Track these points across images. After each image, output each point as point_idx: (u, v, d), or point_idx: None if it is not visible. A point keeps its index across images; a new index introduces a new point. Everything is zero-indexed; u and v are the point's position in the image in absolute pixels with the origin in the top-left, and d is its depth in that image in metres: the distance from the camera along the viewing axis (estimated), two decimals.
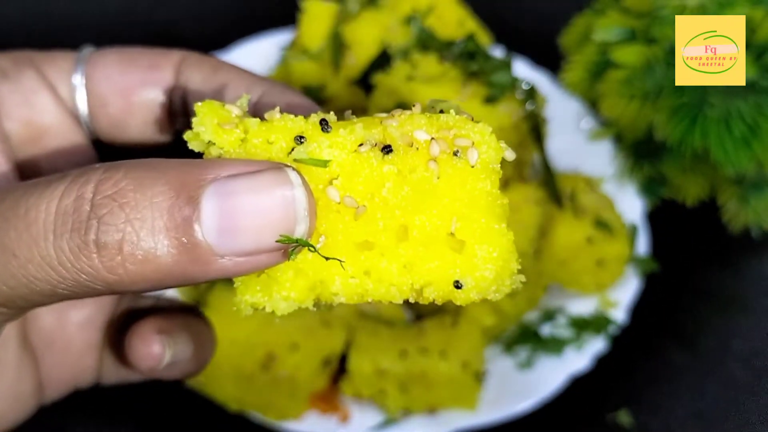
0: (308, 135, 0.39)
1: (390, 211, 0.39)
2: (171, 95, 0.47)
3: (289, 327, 0.89)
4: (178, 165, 0.36)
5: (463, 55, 0.93)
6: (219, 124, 0.38)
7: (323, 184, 0.39)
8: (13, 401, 0.49)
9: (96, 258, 0.34)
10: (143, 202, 0.34)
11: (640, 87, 1.01)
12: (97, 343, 0.53)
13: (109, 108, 0.48)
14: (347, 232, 0.39)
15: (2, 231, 0.35)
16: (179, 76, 0.47)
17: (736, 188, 1.04)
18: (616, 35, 1.07)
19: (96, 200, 0.34)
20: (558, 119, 1.07)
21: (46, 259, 0.34)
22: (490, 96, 0.90)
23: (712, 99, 0.96)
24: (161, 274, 0.35)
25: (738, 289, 1.09)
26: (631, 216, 1.06)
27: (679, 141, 0.97)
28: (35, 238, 0.35)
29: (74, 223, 0.34)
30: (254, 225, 0.35)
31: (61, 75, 0.47)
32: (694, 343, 1.03)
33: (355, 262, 0.39)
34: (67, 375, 0.53)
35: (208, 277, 0.36)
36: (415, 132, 0.39)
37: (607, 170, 1.12)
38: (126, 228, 0.34)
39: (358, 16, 1.05)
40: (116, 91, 0.47)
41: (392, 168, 0.39)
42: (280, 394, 0.88)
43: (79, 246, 0.34)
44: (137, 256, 0.34)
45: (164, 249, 0.34)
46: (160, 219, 0.34)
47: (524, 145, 0.96)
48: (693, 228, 1.12)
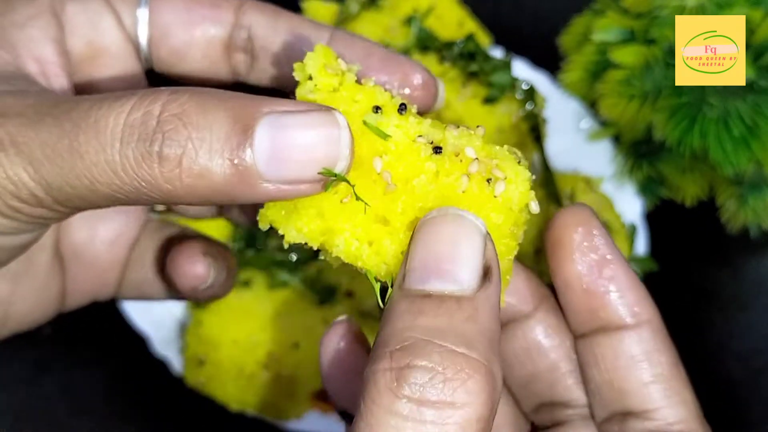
0: (385, 109, 0.42)
1: (412, 201, 0.42)
2: (232, 33, 0.50)
3: (290, 326, 0.90)
4: (237, 96, 0.39)
5: (462, 56, 0.93)
6: (325, 66, 0.42)
7: (374, 154, 0.42)
8: (39, 302, 0.53)
9: (157, 168, 0.38)
10: (204, 124, 0.38)
11: (639, 87, 1.01)
12: (121, 261, 0.56)
13: (170, 38, 0.50)
14: (372, 201, 0.42)
15: (72, 135, 0.38)
16: (242, 17, 0.49)
17: (735, 188, 1.05)
18: (615, 36, 1.08)
19: (162, 117, 0.38)
20: (557, 119, 1.08)
21: (110, 165, 0.38)
22: (489, 96, 0.90)
23: (710, 99, 0.96)
24: (211, 190, 0.38)
25: (737, 288, 1.09)
26: (630, 216, 1.07)
27: (678, 141, 0.98)
28: (102, 144, 0.38)
29: (141, 135, 0.38)
30: (300, 157, 0.38)
31: (127, 4, 0.50)
32: (692, 343, 1.03)
33: (366, 229, 0.42)
34: (89, 287, 0.56)
35: (251, 198, 0.39)
36: (466, 147, 0.42)
37: (606, 170, 1.12)
38: (187, 144, 0.37)
39: (358, 16, 1.05)
40: (180, 22, 0.49)
41: (432, 166, 0.42)
42: (281, 394, 0.89)
43: (143, 155, 0.38)
44: (193, 171, 0.37)
45: (218, 168, 0.37)
46: (217, 141, 0.38)
47: (524, 145, 0.97)
48: (692, 228, 1.12)
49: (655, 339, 0.46)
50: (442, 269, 0.38)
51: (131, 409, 0.95)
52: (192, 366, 0.90)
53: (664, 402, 0.45)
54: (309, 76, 0.42)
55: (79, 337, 1.00)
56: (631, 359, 0.45)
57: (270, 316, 0.90)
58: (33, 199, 0.40)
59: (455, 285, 0.38)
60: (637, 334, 0.45)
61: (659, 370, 0.46)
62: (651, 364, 0.46)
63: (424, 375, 0.34)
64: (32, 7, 0.47)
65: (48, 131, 0.39)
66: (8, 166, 0.39)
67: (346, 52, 0.49)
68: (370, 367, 0.36)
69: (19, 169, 0.39)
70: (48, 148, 0.39)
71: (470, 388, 0.34)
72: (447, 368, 0.35)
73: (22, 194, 0.40)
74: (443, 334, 0.36)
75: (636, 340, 0.45)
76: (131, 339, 0.94)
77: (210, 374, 0.89)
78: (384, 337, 0.36)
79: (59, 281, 0.55)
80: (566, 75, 1.14)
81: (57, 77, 0.48)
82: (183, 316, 0.98)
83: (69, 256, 0.55)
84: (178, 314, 0.98)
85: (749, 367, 1.01)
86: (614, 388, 0.46)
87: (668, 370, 0.46)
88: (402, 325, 0.36)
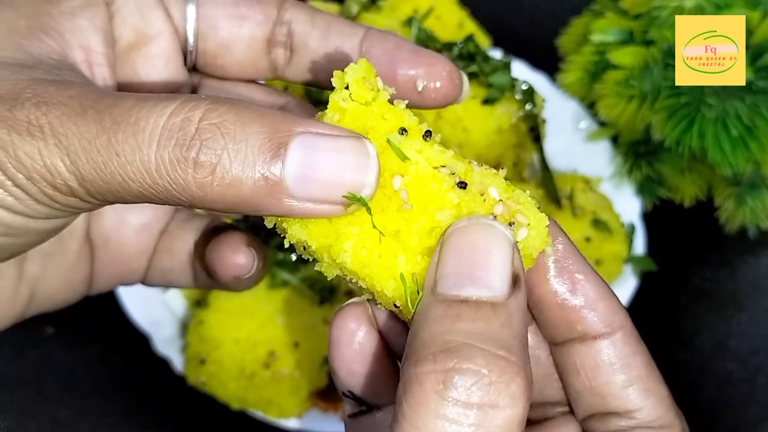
0: (411, 132, 0.43)
1: (430, 226, 0.42)
2: (274, 28, 0.52)
3: (291, 325, 0.90)
4: (274, 112, 0.41)
5: (462, 57, 0.94)
6: (363, 79, 0.44)
7: (394, 173, 0.43)
8: (67, 284, 0.56)
9: (191, 173, 0.39)
10: (241, 136, 0.39)
11: (637, 88, 1.01)
12: (149, 249, 0.58)
13: (218, 31, 0.52)
14: (385, 216, 0.42)
15: (111, 132, 0.40)
16: (284, 13, 0.51)
17: (733, 188, 1.05)
18: (614, 36, 1.08)
19: (202, 125, 0.39)
20: (556, 120, 1.08)
21: (144, 165, 0.39)
22: (489, 97, 0.91)
23: (709, 100, 0.97)
24: (239, 199, 0.40)
25: (735, 288, 1.10)
26: (628, 216, 1.07)
27: (676, 141, 0.98)
28: (140, 144, 0.39)
29: (179, 140, 0.39)
30: (328, 179, 0.40)
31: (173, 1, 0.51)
32: (691, 342, 1.04)
33: (374, 238, 0.43)
34: (116, 272, 0.58)
35: (275, 212, 0.41)
36: (490, 187, 0.43)
37: (605, 170, 1.13)
38: (222, 154, 0.39)
39: (358, 17, 1.06)
40: (227, 16, 0.51)
41: (455, 199, 0.42)
42: (282, 393, 0.89)
43: (179, 159, 0.39)
44: (225, 180, 0.39)
45: (249, 179, 0.39)
46: (252, 154, 0.39)
47: (523, 145, 0.97)
48: (690, 228, 1.13)
49: (630, 342, 0.47)
50: (476, 276, 0.39)
51: (132, 408, 0.96)
52: (193, 365, 0.91)
53: (644, 402, 0.46)
54: (346, 86, 0.43)
55: (80, 336, 1.00)
56: (610, 366, 0.46)
57: (270, 315, 0.90)
58: (66, 188, 0.41)
59: (490, 291, 0.38)
60: (612, 341, 0.47)
61: (636, 372, 0.47)
62: (629, 368, 0.47)
63: (471, 378, 0.35)
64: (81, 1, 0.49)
65: (88, 125, 0.40)
66: (47, 155, 0.40)
67: (379, 46, 0.51)
68: (413, 369, 0.36)
69: (56, 159, 0.40)
70: (86, 141, 0.40)
71: (513, 391, 0.35)
72: (492, 371, 0.35)
73: (56, 183, 0.41)
74: (484, 338, 0.36)
75: (613, 346, 0.46)
76: (133, 338, 0.95)
77: (211, 373, 0.89)
78: (423, 340, 0.37)
79: (88, 264, 0.56)
80: (565, 76, 1.14)
81: (100, 67, 0.49)
82: (184, 315, 0.99)
83: (98, 241, 0.57)
84: (179, 314, 0.99)
85: (747, 366, 1.01)
86: (596, 393, 0.47)
87: (644, 370, 0.47)
88: (442, 329, 0.37)
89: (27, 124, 0.41)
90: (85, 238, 0.56)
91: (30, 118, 0.41)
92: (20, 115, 0.41)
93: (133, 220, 0.57)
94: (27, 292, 0.55)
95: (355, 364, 0.47)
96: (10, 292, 0.54)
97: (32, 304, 0.55)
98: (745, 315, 1.06)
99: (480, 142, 0.90)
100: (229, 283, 0.55)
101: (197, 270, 0.58)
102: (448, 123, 0.90)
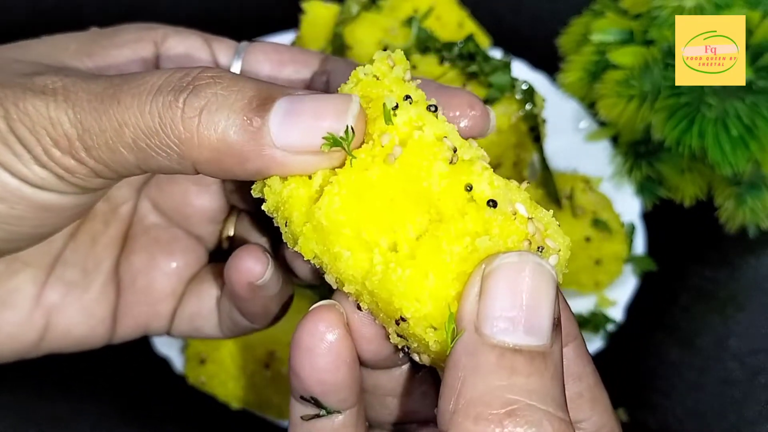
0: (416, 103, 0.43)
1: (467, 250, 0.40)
2: (313, 77, 0.54)
3: (291, 325, 0.90)
4: (270, 82, 0.44)
5: (462, 56, 0.94)
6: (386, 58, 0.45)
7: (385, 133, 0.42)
8: (87, 318, 0.55)
9: (179, 112, 0.41)
10: (233, 87, 0.42)
11: (637, 87, 1.01)
12: (177, 293, 0.57)
13: (259, 74, 0.54)
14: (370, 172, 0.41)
15: (117, 85, 0.43)
16: (326, 64, 0.53)
17: (733, 188, 1.05)
18: (614, 36, 1.08)
19: (198, 75, 0.42)
20: (556, 120, 1.08)
21: (140, 107, 0.42)
22: (489, 97, 0.91)
23: (709, 99, 0.97)
24: (224, 144, 0.41)
25: (735, 288, 1.10)
26: (628, 215, 1.07)
27: (676, 141, 0.98)
28: (140, 92, 0.42)
29: (175, 86, 0.42)
30: (308, 124, 0.41)
31: (224, 45, 0.54)
32: (691, 342, 1.04)
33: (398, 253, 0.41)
34: (142, 315, 0.57)
35: (258, 163, 0.42)
36: (518, 204, 0.41)
37: (605, 170, 1.13)
38: (210, 98, 0.41)
39: (358, 17, 1.06)
40: (269, 60, 0.54)
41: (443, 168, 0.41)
42: (282, 392, 0.89)
43: (171, 101, 0.41)
44: (211, 122, 0.41)
45: (234, 125, 0.41)
46: (238, 102, 0.41)
47: (523, 145, 0.97)
48: (690, 227, 1.13)
49: (582, 353, 0.47)
50: (529, 324, 0.38)
51: (133, 408, 0.96)
52: (193, 364, 0.91)
53: (592, 411, 0.46)
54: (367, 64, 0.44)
55: None
56: (568, 377, 0.46)
57: None
58: (66, 143, 0.43)
59: (541, 341, 0.38)
60: (565, 352, 0.46)
61: (587, 382, 0.47)
62: (581, 378, 0.47)
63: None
64: (134, 33, 0.53)
65: (98, 83, 0.43)
66: (53, 107, 0.43)
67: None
68: (473, 427, 0.36)
69: (61, 112, 0.43)
70: (93, 95, 0.43)
71: None
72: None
73: (57, 136, 0.43)
74: (542, 396, 0.37)
75: (566, 359, 0.45)
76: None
77: (211, 373, 0.89)
78: (480, 393, 0.37)
79: (111, 302, 0.56)
80: (565, 75, 1.14)
81: None
82: None
83: (126, 279, 0.57)
84: None
85: (747, 366, 1.01)
86: None
87: (593, 380, 0.47)
88: (499, 383, 0.37)
89: (42, 87, 0.44)
90: (112, 273, 0.56)
91: (46, 83, 0.44)
92: (39, 80, 0.44)
93: (163, 263, 0.57)
94: (42, 321, 0.54)
95: (326, 373, 0.45)
96: (25, 313, 0.54)
97: (47, 336, 0.54)
98: (745, 315, 1.06)
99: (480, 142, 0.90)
100: (244, 293, 0.52)
101: (223, 316, 0.57)
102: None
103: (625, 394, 0.98)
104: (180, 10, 1.44)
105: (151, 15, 1.43)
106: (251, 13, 1.43)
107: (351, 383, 0.46)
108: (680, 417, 0.97)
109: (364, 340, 0.46)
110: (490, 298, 0.38)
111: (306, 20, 1.10)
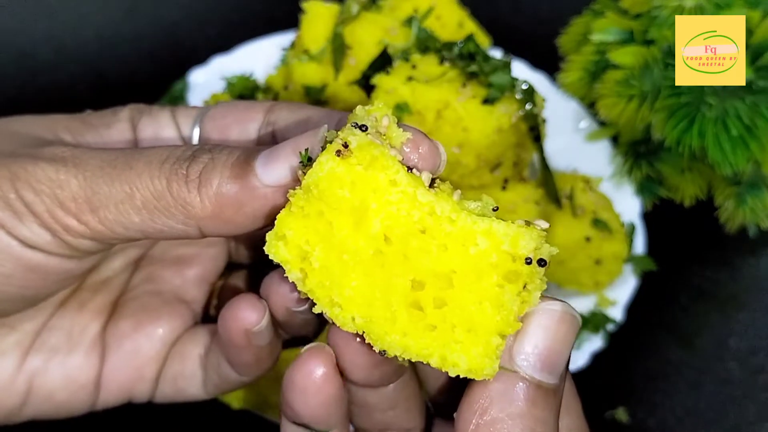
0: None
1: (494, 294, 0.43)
2: (260, 129, 0.57)
3: None
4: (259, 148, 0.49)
5: (462, 56, 0.94)
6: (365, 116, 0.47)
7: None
8: (69, 383, 0.58)
9: (184, 177, 0.47)
10: (224, 151, 0.48)
11: (637, 87, 1.01)
12: (161, 357, 0.60)
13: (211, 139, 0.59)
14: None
15: (129, 155, 0.49)
16: (269, 116, 0.57)
17: (733, 188, 1.05)
18: (614, 36, 1.08)
19: (198, 149, 0.49)
20: (556, 119, 1.08)
21: (150, 172, 0.47)
22: (489, 96, 0.91)
23: (709, 99, 0.97)
24: (222, 196, 0.47)
25: (735, 287, 1.10)
26: (628, 215, 1.07)
27: (676, 141, 0.98)
28: (151, 161, 0.48)
29: (179, 157, 0.48)
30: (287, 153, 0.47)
31: (187, 116, 0.59)
32: (691, 342, 1.04)
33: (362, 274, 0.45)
34: (126, 380, 0.59)
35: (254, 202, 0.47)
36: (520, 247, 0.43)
37: (605, 170, 1.13)
38: (207, 162, 0.48)
39: (358, 17, 1.06)
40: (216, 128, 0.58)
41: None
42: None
43: (177, 168, 0.47)
44: (209, 180, 0.47)
45: (228, 179, 0.47)
46: (230, 161, 0.48)
47: (523, 145, 0.97)
48: (690, 227, 1.13)
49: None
50: (554, 364, 0.44)
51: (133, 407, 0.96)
52: None
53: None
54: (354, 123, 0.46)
55: None
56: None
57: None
58: (71, 203, 0.47)
59: (557, 380, 0.44)
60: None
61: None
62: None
63: None
64: (113, 117, 0.58)
65: (108, 153, 0.49)
66: (62, 171, 0.48)
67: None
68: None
69: (70, 175, 0.48)
70: (105, 163, 0.48)
71: None
72: None
73: (63, 195, 0.47)
74: (550, 428, 0.44)
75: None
76: None
77: None
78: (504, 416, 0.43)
79: (96, 366, 0.58)
80: (565, 75, 1.14)
81: None
82: None
83: (112, 343, 0.59)
84: None
85: (747, 366, 1.01)
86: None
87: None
88: (520, 412, 0.43)
89: (52, 155, 0.49)
90: (98, 337, 0.59)
91: (55, 152, 0.49)
92: (47, 150, 0.49)
93: (150, 329, 0.60)
94: (24, 386, 0.56)
95: (318, 408, 0.49)
96: (7, 378, 0.55)
97: (29, 401, 0.57)
98: (745, 314, 1.07)
99: (480, 142, 0.90)
100: (239, 341, 0.54)
101: (209, 373, 0.59)
102: (449, 123, 0.90)
103: (625, 394, 0.98)
104: (182, 12, 1.44)
105: (154, 17, 1.44)
106: (252, 13, 1.44)
107: (339, 412, 0.51)
108: (680, 417, 0.97)
109: (356, 368, 0.50)
110: (527, 336, 0.44)
111: (306, 20, 1.10)
